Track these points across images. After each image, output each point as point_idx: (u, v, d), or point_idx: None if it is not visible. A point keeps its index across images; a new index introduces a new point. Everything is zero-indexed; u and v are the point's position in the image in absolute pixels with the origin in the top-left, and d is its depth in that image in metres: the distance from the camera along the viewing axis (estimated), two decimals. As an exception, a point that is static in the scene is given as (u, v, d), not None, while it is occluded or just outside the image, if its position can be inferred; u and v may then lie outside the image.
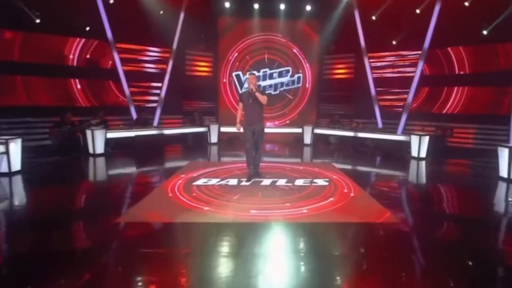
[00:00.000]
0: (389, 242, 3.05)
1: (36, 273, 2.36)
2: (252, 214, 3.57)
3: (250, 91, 4.70)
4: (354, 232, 3.24)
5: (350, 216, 3.60)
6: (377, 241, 3.05)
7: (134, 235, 3.13)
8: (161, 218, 3.49)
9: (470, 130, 8.67)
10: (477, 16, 8.09)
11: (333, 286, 2.29)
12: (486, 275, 2.46)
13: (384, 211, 3.74)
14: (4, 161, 5.11)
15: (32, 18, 7.77)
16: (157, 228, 3.33)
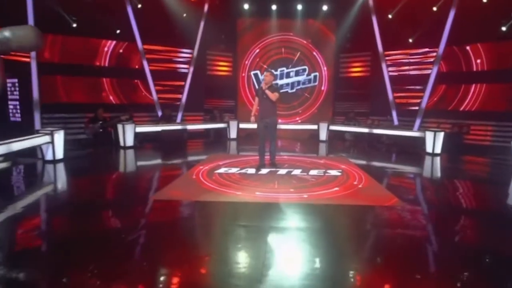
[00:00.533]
0: (392, 220, 3.34)
1: (95, 242, 2.86)
2: (266, 196, 3.95)
3: (261, 88, 5.10)
4: (364, 212, 3.56)
5: (360, 200, 3.91)
6: (381, 220, 3.36)
7: (165, 208, 3.62)
8: (187, 197, 3.95)
9: (488, 127, 8.63)
10: (496, 12, 8.08)
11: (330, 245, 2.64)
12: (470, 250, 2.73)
13: (392, 197, 4.01)
14: (49, 150, 5.76)
15: (70, 23, 8.54)
16: (183, 203, 3.79)
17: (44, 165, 5.67)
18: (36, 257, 2.48)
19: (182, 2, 9.91)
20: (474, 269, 2.39)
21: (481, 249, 2.74)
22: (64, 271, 2.24)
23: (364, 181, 4.78)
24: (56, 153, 5.81)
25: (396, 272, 2.33)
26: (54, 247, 2.69)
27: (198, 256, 2.53)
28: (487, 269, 2.43)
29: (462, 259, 2.52)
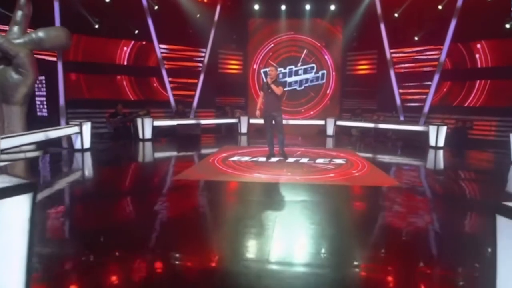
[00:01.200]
0: (389, 197, 3.73)
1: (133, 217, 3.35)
2: (274, 178, 4.38)
3: (266, 82, 5.32)
4: (365, 190, 3.97)
5: (363, 182, 4.31)
6: (380, 195, 3.75)
7: (187, 185, 4.10)
8: (205, 177, 4.43)
9: (492, 122, 8.85)
10: (499, 10, 8.31)
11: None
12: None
13: (392, 180, 4.41)
14: (78, 139, 6.34)
15: (92, 24, 9.14)
16: (202, 182, 4.27)
17: (74, 153, 6.24)
18: (93, 225, 2.97)
19: (196, 4, 10.44)
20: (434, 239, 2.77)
21: (445, 228, 3.11)
22: (120, 232, 2.73)
23: (367, 167, 5.17)
24: (84, 143, 6.37)
25: (380, 231, 2.74)
26: (107, 217, 3.19)
27: (217, 222, 2.99)
28: (445, 244, 2.81)
29: (428, 225, 2.90)
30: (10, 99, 6.23)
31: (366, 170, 5.01)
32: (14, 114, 6.32)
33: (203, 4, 10.73)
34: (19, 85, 6.22)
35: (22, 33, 6.39)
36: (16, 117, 6.34)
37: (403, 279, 2.04)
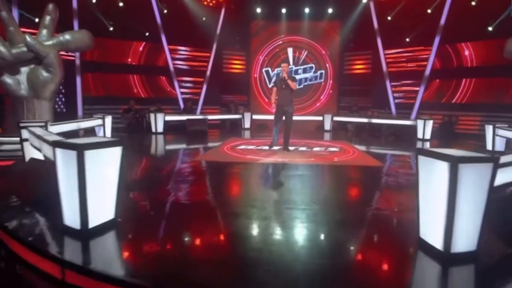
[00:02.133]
0: (372, 172, 4.51)
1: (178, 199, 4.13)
2: (277, 160, 5.16)
3: (282, 78, 5.55)
4: (354, 168, 4.75)
5: (351, 162, 5.09)
6: (364, 171, 4.53)
7: (207, 165, 4.88)
8: (218, 159, 5.22)
9: (477, 117, 9.62)
10: (483, 14, 9.10)
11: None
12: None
13: (377, 162, 5.18)
14: (101, 130, 7.12)
15: (107, 27, 9.95)
16: (216, 163, 5.05)
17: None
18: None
19: (202, 7, 11.24)
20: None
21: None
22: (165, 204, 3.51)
23: (357, 154, 5.96)
24: (106, 133, 7.16)
25: (358, 192, 3.52)
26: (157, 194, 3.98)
27: (233, 191, 3.77)
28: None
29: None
30: (40, 95, 7.00)
31: (356, 155, 5.79)
32: (43, 108, 7.10)
33: (208, 7, 11.53)
34: (48, 83, 6.98)
35: (50, 36, 7.16)
36: (45, 110, 7.12)
37: (362, 217, 2.82)
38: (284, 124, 5.86)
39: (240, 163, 5.01)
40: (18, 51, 6.62)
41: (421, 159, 2.01)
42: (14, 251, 2.11)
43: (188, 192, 3.47)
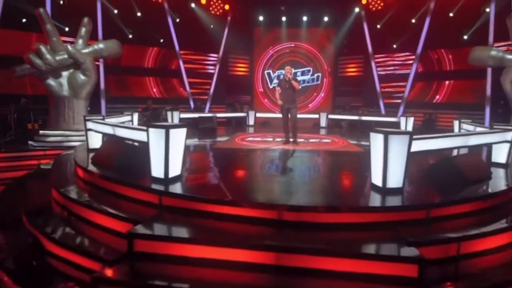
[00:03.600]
0: (352, 155, 5.88)
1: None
2: (283, 147, 6.54)
3: (286, 79, 6.18)
4: (338, 152, 6.14)
5: (339, 148, 6.47)
6: (347, 154, 5.92)
7: (227, 149, 6.25)
8: (234, 146, 6.60)
9: (454, 115, 11.02)
10: (459, 24, 10.54)
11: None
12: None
13: (358, 148, 6.57)
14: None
15: (127, 34, 11.30)
16: (232, 149, 6.41)
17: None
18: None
19: (210, 16, 12.62)
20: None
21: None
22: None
23: (345, 143, 7.35)
24: (134, 128, 8.50)
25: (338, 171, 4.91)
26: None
27: (249, 167, 5.14)
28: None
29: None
30: (78, 95, 8.34)
31: (344, 144, 7.19)
32: (81, 106, 8.44)
33: (216, 16, 12.92)
34: (85, 84, 8.33)
35: (85, 45, 8.51)
36: (82, 108, 8.45)
37: (340, 174, 4.19)
38: (290, 121, 6.64)
39: (251, 149, 6.37)
40: (61, 58, 7.97)
41: (372, 134, 3.39)
42: (124, 194, 3.46)
43: (221, 163, 4.84)
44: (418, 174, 4.16)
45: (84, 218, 3.26)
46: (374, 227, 2.81)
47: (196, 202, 3.05)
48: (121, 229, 2.85)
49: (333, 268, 2.38)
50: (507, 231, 2.85)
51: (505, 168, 4.63)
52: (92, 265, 2.64)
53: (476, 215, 3.10)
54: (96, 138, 5.60)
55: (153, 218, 2.93)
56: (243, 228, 2.79)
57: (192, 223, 2.89)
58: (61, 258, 2.86)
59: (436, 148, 3.62)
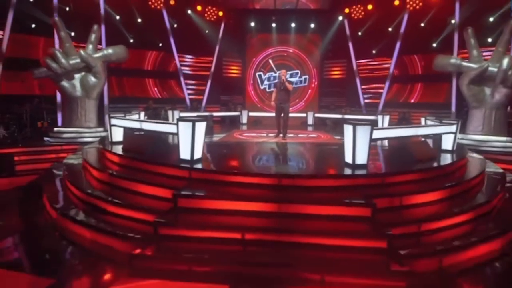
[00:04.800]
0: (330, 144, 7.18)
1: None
2: (275, 140, 7.78)
3: (282, 81, 7.28)
4: (321, 144, 7.43)
5: (322, 141, 7.77)
6: (327, 145, 7.22)
7: (225, 143, 7.43)
8: (234, 140, 7.78)
9: (425, 113, 12.57)
10: (429, 33, 12.10)
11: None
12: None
13: (338, 141, 7.88)
14: (137, 123, 9.48)
15: (128, 38, 12.28)
16: (232, 142, 7.60)
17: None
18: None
19: (205, 22, 13.76)
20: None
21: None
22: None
23: (328, 137, 8.67)
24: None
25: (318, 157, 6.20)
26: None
27: (251, 153, 6.36)
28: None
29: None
30: (89, 96, 9.30)
31: (328, 138, 8.50)
32: (91, 105, 9.40)
33: (211, 22, 14.06)
34: (96, 86, 9.30)
35: (95, 50, 9.48)
36: (92, 107, 9.42)
37: (321, 157, 5.46)
38: (282, 118, 7.89)
39: (247, 142, 7.58)
40: (74, 62, 8.94)
41: (345, 126, 4.67)
42: (159, 171, 4.60)
43: (228, 150, 6.02)
44: (379, 155, 5.49)
45: (129, 189, 4.38)
46: (346, 188, 4.08)
47: (216, 174, 4.25)
48: (165, 195, 3.99)
49: (316, 212, 3.62)
50: (436, 190, 4.18)
51: (451, 153, 6.03)
52: (147, 217, 3.77)
53: (417, 182, 4.42)
54: (118, 133, 6.68)
55: (186, 186, 4.09)
56: (253, 191, 4.00)
57: (214, 189, 4.08)
58: (120, 215, 3.97)
59: (389, 136, 4.94)
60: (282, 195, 3.89)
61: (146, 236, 3.46)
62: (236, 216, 3.65)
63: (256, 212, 3.67)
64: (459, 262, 3.31)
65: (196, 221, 3.60)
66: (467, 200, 4.25)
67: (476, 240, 3.53)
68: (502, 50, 8.44)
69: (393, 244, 3.25)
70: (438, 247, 3.32)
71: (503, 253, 3.61)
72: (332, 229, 3.43)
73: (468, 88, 8.62)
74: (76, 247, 3.67)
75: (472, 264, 3.31)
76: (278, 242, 3.36)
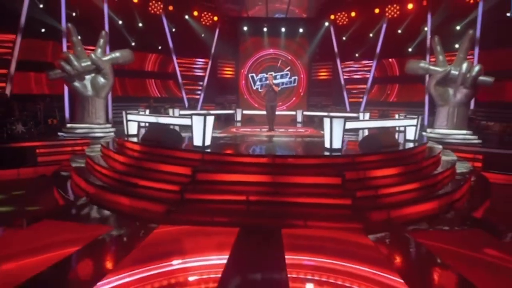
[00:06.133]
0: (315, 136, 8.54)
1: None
2: (269, 133, 9.10)
3: (270, 83, 8.96)
4: (307, 136, 8.79)
5: (309, 135, 9.14)
6: (311, 137, 8.58)
7: (232, 135, 8.70)
8: (233, 133, 9.06)
9: (402, 111, 14.11)
10: (405, 39, 13.66)
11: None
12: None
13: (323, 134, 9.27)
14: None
15: (130, 41, 13.40)
16: (232, 135, 8.87)
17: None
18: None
19: (202, 26, 14.98)
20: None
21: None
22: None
23: (315, 132, 10.04)
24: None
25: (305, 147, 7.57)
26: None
27: (250, 142, 7.66)
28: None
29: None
30: (99, 95, 10.40)
31: (313, 132, 9.88)
32: (101, 104, 10.51)
33: (206, 26, 15.30)
34: (105, 86, 10.41)
35: (103, 53, 10.59)
36: (101, 106, 10.53)
37: (306, 146, 6.80)
38: (271, 114, 9.59)
39: (246, 135, 8.87)
40: (85, 64, 10.05)
41: (324, 119, 6.02)
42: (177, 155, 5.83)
43: (230, 141, 7.29)
44: (353, 142, 6.88)
45: (153, 169, 5.59)
46: (324, 165, 5.41)
47: (224, 156, 5.52)
48: (185, 172, 5.23)
49: (301, 182, 4.94)
50: (392, 167, 5.56)
51: (413, 142, 7.46)
52: (173, 188, 5.00)
53: (382, 162, 5.79)
54: (133, 126, 7.87)
55: (201, 165, 5.35)
56: (253, 168, 5.29)
57: (223, 167, 5.35)
58: (150, 187, 5.18)
59: (359, 127, 6.32)
60: (275, 170, 5.20)
61: (175, 200, 4.71)
62: (241, 185, 4.93)
63: (256, 182, 4.96)
64: (403, 215, 4.67)
65: (211, 189, 4.87)
66: (419, 176, 5.65)
67: (416, 200, 4.92)
68: (463, 56, 9.97)
69: (356, 202, 4.60)
70: (386, 203, 4.69)
71: (440, 212, 5.00)
72: (313, 192, 4.76)
73: (435, 89, 10.13)
74: (117, 212, 4.84)
75: (415, 218, 4.67)
76: (273, 201, 4.66)
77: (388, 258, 3.56)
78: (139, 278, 3.01)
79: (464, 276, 3.11)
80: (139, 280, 2.98)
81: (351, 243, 4.01)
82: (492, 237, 4.32)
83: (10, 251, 3.60)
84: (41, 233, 4.16)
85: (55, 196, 6.22)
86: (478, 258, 3.64)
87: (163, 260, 3.38)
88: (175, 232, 4.15)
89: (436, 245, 3.80)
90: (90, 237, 3.88)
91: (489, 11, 11.69)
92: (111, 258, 3.59)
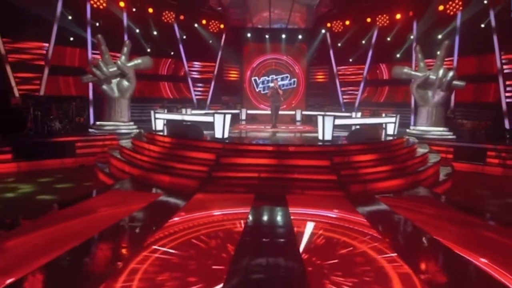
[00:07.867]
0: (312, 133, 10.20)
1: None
2: (271, 130, 10.75)
3: (275, 87, 10.76)
4: (306, 132, 10.45)
5: (307, 131, 10.81)
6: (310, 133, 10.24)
7: (236, 132, 10.36)
8: (241, 129, 10.71)
9: (390, 111, 15.82)
10: (394, 46, 15.35)
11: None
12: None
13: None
14: (161, 118, 12.29)
15: (145, 48, 15.04)
16: (240, 131, 10.52)
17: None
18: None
19: (209, 33, 16.64)
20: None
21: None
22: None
23: (312, 129, 11.71)
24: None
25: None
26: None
27: (255, 136, 9.31)
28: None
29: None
30: (124, 96, 12.03)
31: (311, 129, 11.55)
32: (125, 104, 12.15)
33: (214, 33, 16.96)
34: (129, 89, 12.04)
35: (127, 60, 12.21)
36: (126, 106, 12.17)
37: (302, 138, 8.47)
38: (275, 113, 11.38)
39: (251, 130, 10.52)
40: (112, 70, 11.69)
41: (318, 116, 7.69)
42: (201, 145, 7.50)
43: (242, 135, 8.93)
44: (342, 135, 8.55)
45: (184, 155, 7.22)
46: (318, 152, 7.07)
47: (240, 145, 7.18)
48: (210, 157, 6.87)
49: (300, 164, 6.59)
50: (371, 153, 7.22)
51: (392, 136, 9.13)
52: (202, 168, 6.63)
53: (363, 150, 7.43)
54: (160, 123, 9.52)
55: (223, 152, 7.00)
56: (263, 154, 6.93)
57: (239, 154, 7.00)
58: (184, 169, 6.81)
59: (346, 123, 7.99)
60: (279, 155, 6.85)
61: (205, 177, 6.36)
62: (254, 166, 6.59)
63: (265, 164, 6.62)
64: (377, 188, 6.33)
65: (231, 169, 6.53)
66: (392, 162, 7.30)
67: (388, 178, 6.59)
68: (440, 63, 11.64)
69: (341, 179, 6.26)
70: (364, 180, 6.36)
71: (408, 188, 6.66)
72: (308, 171, 6.42)
73: (416, 91, 11.81)
74: (160, 188, 6.46)
75: (384, 190, 6.32)
76: (278, 178, 6.33)
77: (358, 209, 5.22)
78: (194, 218, 4.68)
79: (408, 218, 4.79)
80: (195, 218, 4.66)
81: (335, 203, 5.66)
82: (434, 200, 6.01)
83: (97, 207, 5.25)
84: (112, 198, 5.81)
85: (100, 178, 7.89)
86: (420, 211, 5.31)
87: (207, 209, 5.05)
88: (208, 197, 5.80)
89: (394, 204, 5.48)
90: (150, 199, 5.54)
91: (467, 22, 13.38)
92: (170, 210, 5.23)
